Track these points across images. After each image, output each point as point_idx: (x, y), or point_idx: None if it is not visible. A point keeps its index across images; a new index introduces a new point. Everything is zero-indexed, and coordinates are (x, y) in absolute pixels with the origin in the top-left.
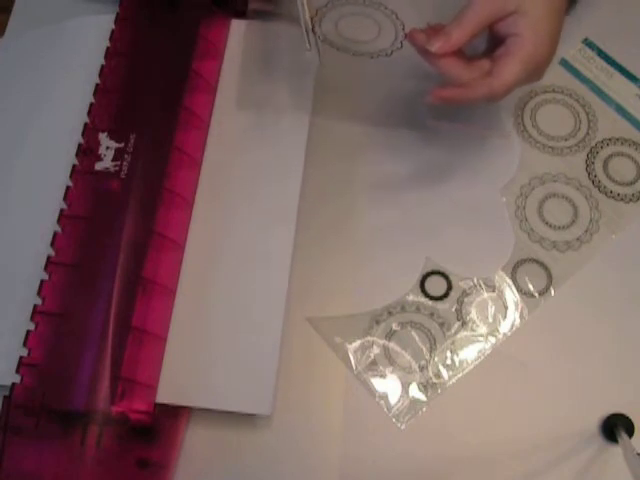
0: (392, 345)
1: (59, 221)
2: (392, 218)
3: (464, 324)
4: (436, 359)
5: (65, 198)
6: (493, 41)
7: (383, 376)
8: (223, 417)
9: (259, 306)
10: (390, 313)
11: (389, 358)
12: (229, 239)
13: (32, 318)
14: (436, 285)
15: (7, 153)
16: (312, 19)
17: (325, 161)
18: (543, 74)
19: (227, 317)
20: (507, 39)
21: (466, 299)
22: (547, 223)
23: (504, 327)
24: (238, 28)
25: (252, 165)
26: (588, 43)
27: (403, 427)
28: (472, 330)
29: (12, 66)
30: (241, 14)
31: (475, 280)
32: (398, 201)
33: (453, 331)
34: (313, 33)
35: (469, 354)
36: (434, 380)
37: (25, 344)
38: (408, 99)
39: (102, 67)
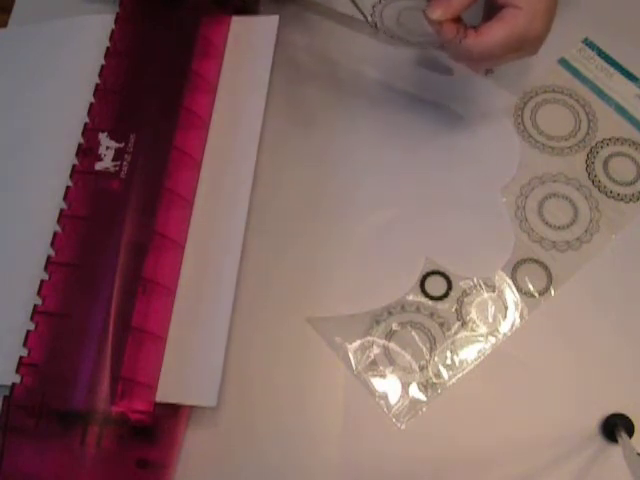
0: (392, 345)
1: (59, 221)
2: (392, 218)
3: (464, 324)
4: (436, 359)
5: (65, 198)
6: (491, 10)
7: (383, 376)
8: (222, 417)
9: (211, 299)
10: (390, 313)
11: (389, 358)
12: (227, 239)
13: (32, 318)
14: (436, 285)
15: (7, 153)
16: (374, 7)
17: (324, 161)
18: (537, 49)
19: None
20: (504, 9)
21: (466, 299)
22: (547, 223)
23: (504, 327)
24: (238, 27)
25: (251, 164)
26: (588, 43)
27: (403, 427)
28: (472, 330)
29: (11, 65)
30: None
31: (475, 280)
32: (398, 201)
33: (453, 331)
34: (375, 27)
35: (469, 354)
36: (434, 380)
37: (25, 344)
38: (409, 95)
39: (102, 67)
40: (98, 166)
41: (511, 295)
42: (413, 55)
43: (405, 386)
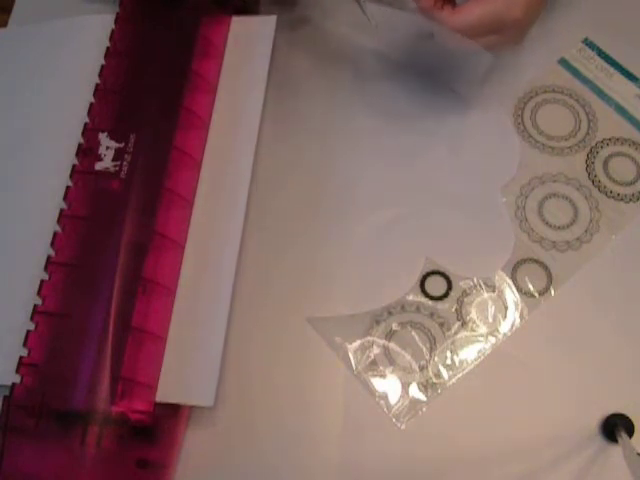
0: (392, 345)
1: (59, 221)
2: (392, 218)
3: (464, 324)
4: (436, 359)
5: (65, 198)
6: None
7: (383, 376)
8: (221, 417)
9: (210, 299)
10: (390, 313)
11: (389, 358)
12: (226, 238)
13: (32, 318)
14: (436, 285)
15: (7, 153)
16: None
17: (324, 161)
18: (520, 37)
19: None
20: None
21: (466, 299)
22: (547, 223)
23: (504, 327)
24: (238, 27)
25: (249, 164)
26: (588, 43)
27: (403, 427)
28: (472, 330)
29: (11, 65)
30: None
31: (475, 280)
32: (398, 201)
33: (453, 331)
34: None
35: (469, 354)
36: (434, 380)
37: (25, 344)
38: (410, 93)
39: (102, 67)
40: (98, 166)
41: (511, 295)
42: (414, 52)
43: (405, 386)
